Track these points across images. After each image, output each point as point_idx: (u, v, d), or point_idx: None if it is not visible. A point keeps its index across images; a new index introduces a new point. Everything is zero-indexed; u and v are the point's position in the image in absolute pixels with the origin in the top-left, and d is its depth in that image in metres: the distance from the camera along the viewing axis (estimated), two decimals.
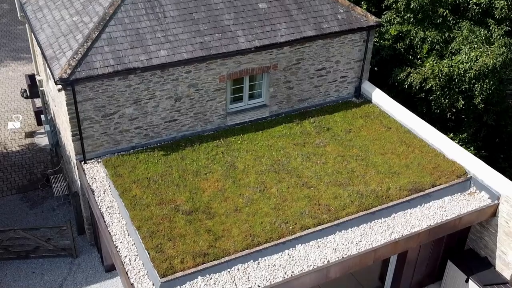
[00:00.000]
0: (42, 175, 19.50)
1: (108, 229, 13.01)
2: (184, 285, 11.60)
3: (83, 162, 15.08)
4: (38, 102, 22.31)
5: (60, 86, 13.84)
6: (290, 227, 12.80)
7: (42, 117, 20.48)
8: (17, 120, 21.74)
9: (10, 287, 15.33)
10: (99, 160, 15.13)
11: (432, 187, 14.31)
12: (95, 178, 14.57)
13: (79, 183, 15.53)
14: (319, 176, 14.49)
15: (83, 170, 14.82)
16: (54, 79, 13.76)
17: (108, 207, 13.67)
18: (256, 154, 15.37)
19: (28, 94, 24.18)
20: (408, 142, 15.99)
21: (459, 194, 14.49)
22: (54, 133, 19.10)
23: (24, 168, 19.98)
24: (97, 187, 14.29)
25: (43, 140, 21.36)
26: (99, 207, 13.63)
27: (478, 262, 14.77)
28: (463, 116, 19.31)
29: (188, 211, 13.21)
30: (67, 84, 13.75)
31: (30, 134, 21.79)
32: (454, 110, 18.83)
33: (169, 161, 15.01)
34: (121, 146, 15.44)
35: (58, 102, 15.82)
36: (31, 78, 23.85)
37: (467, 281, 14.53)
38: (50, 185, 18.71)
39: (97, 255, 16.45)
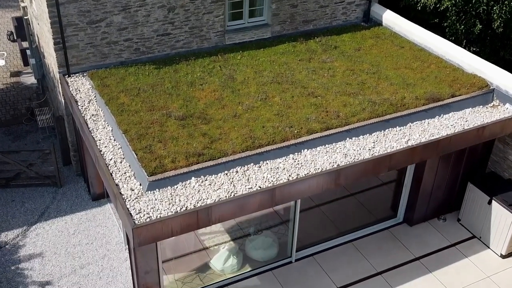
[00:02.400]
0: (26, 110, 18.12)
1: (92, 134, 11.64)
2: (175, 185, 10.24)
3: (67, 76, 13.73)
4: (25, 45, 20.91)
5: None
6: (295, 131, 11.44)
7: (28, 52, 19.15)
8: (1, 58, 20.36)
9: None
10: (85, 74, 13.78)
11: (452, 97, 12.96)
12: (79, 90, 13.21)
13: (63, 101, 14.17)
14: (327, 87, 13.12)
15: (67, 83, 13.46)
16: None
17: (92, 115, 12.31)
18: (257, 68, 14.01)
19: (15, 37, 22.88)
20: (423, 59, 14.63)
21: (481, 106, 13.12)
22: (40, 65, 17.73)
23: (8, 104, 18.60)
24: (81, 97, 12.93)
25: (29, 79, 19.97)
26: (83, 115, 12.27)
27: (502, 184, 13.40)
28: (478, 50, 17.94)
29: (181, 117, 11.85)
30: None
31: (16, 74, 20.41)
32: (470, 37, 17.44)
33: (161, 74, 13.65)
34: (108, 60, 14.08)
35: (40, 14, 14.44)
36: (18, 20, 22.52)
37: (489, 202, 13.16)
38: (35, 119, 17.35)
39: (83, 185, 15.08)
